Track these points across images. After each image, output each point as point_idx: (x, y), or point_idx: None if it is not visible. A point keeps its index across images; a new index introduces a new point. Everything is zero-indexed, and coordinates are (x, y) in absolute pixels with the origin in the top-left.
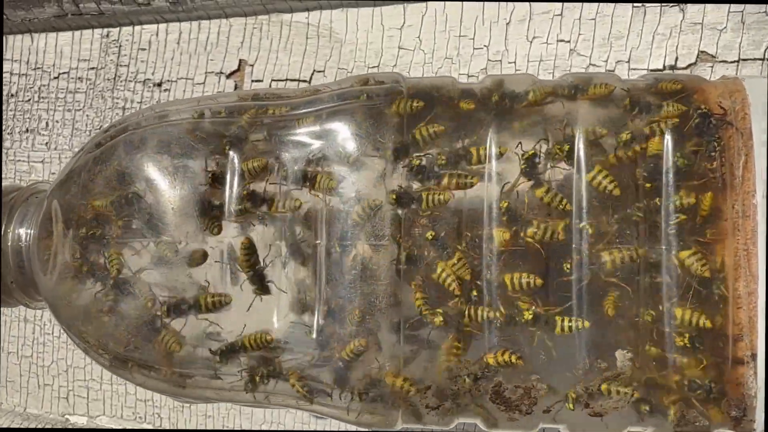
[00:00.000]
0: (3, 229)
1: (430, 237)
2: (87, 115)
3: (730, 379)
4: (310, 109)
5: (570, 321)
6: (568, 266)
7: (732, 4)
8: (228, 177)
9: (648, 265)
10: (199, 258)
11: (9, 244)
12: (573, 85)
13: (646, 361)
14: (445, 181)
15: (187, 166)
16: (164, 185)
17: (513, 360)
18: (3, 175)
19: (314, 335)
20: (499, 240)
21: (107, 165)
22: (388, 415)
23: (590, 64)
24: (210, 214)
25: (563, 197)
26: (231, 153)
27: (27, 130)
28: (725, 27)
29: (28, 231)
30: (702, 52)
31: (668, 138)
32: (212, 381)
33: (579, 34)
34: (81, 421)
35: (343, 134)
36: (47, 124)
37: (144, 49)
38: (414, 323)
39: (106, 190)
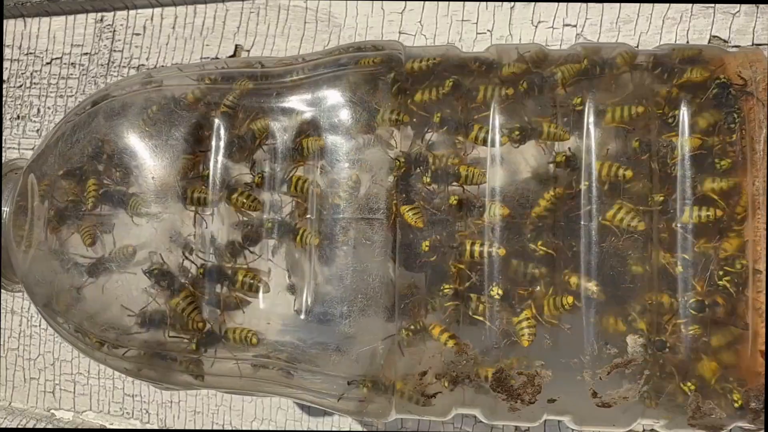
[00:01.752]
0: None
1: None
2: (79, 102)
3: (750, 368)
4: (302, 76)
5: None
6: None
7: None
8: (213, 144)
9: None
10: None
11: None
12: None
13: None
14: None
15: (170, 134)
16: (145, 154)
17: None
18: None
19: (303, 316)
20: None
21: (86, 133)
22: (381, 404)
23: None
24: (194, 185)
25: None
26: (217, 121)
27: (18, 117)
28: (738, 11)
29: (5, 209)
30: (714, 36)
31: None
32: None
33: (586, 19)
34: (67, 417)
35: (337, 101)
36: (39, 110)
37: (138, 34)
38: (409, 304)
39: (84, 159)
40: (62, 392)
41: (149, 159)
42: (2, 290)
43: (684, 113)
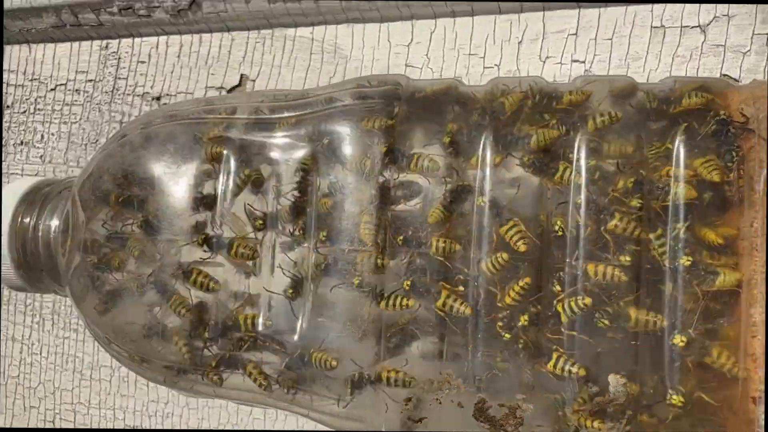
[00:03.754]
0: (35, 221)
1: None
2: (83, 129)
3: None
4: (306, 111)
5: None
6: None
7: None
8: (222, 177)
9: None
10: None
11: (39, 234)
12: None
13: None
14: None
15: (187, 166)
16: (165, 184)
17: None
18: None
19: (296, 338)
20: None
21: (115, 162)
22: (370, 421)
23: None
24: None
25: None
26: (226, 153)
27: (22, 143)
28: (749, 50)
29: (58, 223)
30: (724, 75)
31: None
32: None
33: (594, 55)
34: None
35: (339, 137)
36: (42, 136)
37: (143, 62)
38: (396, 332)
39: (112, 188)
40: (62, 422)
41: (168, 190)
42: (55, 294)
43: (680, 149)
